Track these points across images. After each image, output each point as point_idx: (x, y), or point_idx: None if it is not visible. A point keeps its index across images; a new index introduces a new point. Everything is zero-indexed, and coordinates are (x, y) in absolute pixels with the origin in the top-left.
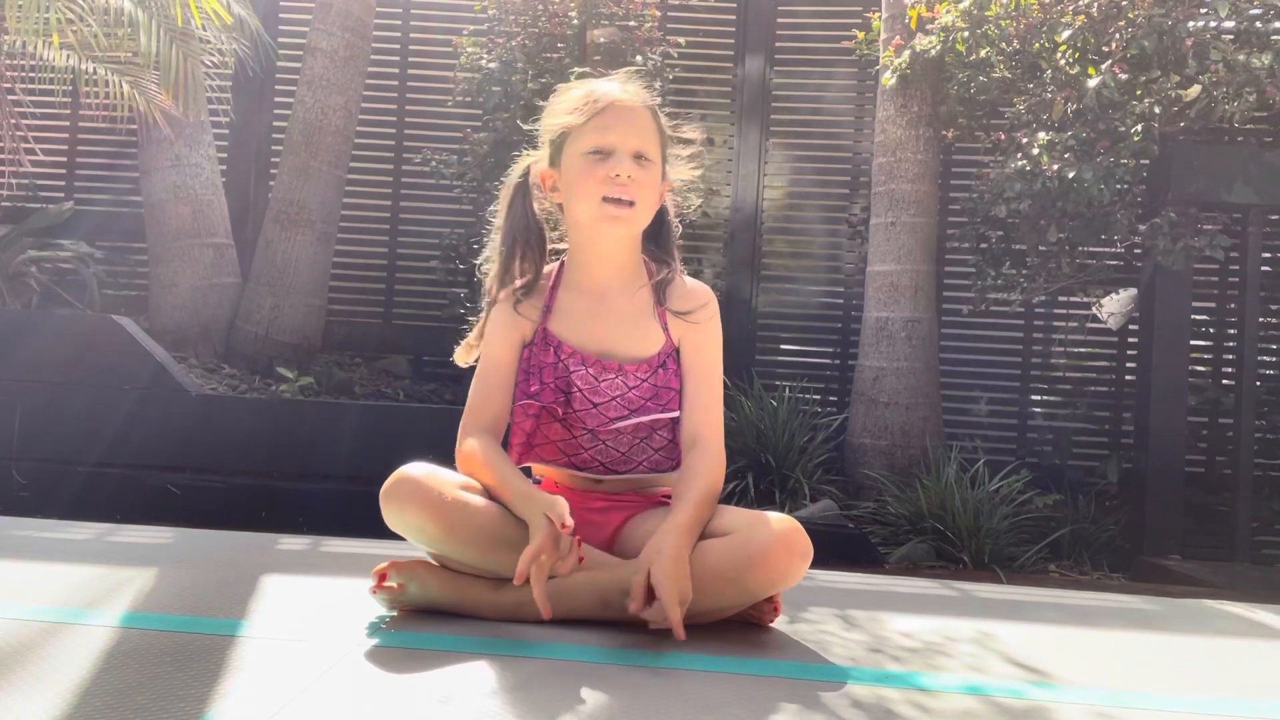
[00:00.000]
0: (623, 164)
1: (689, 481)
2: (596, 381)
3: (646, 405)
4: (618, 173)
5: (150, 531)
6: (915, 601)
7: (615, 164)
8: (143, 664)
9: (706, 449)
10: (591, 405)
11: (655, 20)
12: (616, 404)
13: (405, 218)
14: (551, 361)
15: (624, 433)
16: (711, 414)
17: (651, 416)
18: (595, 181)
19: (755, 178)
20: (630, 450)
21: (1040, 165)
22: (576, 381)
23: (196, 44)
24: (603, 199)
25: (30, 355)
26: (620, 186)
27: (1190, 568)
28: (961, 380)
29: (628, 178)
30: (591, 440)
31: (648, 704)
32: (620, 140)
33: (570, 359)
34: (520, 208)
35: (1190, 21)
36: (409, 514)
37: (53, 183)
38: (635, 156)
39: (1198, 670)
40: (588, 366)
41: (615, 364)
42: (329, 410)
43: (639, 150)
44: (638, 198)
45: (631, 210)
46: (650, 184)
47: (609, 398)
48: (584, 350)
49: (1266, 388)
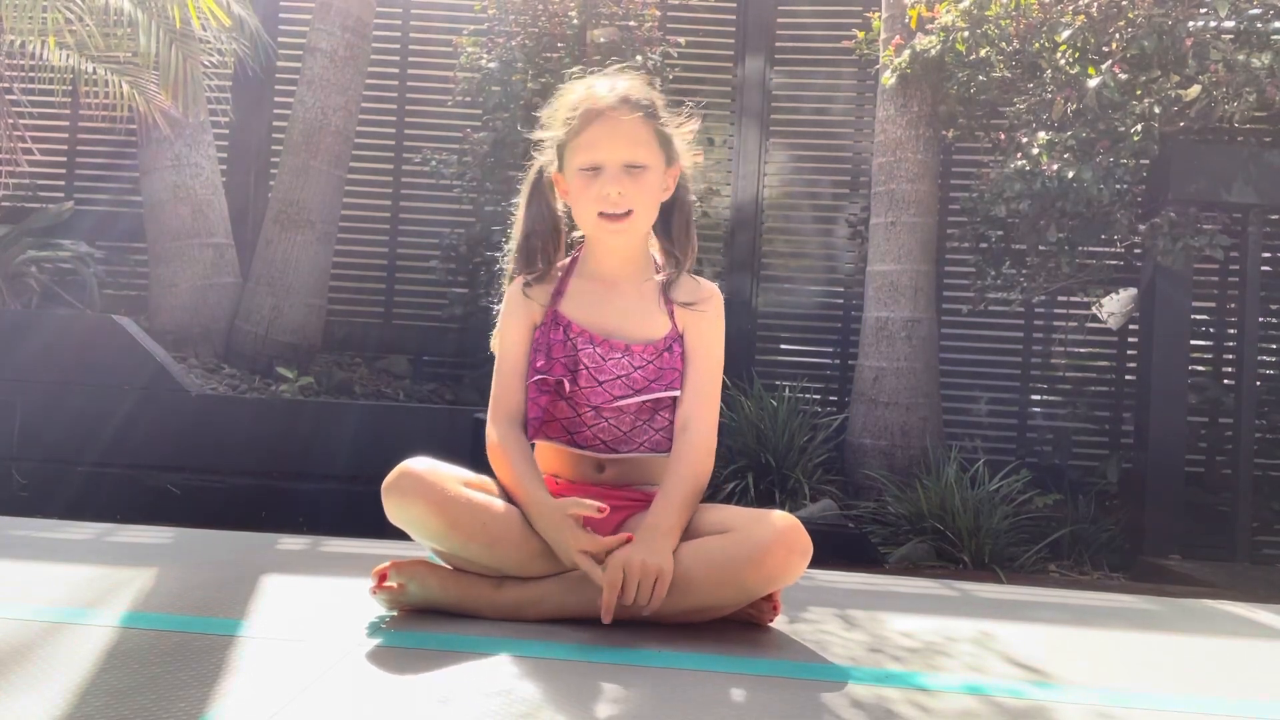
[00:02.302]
0: (610, 183)
1: (675, 470)
2: (603, 360)
3: (650, 387)
4: (606, 192)
5: (150, 531)
6: (915, 601)
7: (605, 183)
8: (143, 664)
9: (696, 434)
10: (596, 383)
11: (655, 20)
12: (621, 383)
13: (405, 218)
14: (560, 339)
15: (626, 411)
16: (705, 402)
17: (654, 395)
18: (589, 199)
19: (755, 178)
20: (632, 430)
21: (1040, 165)
22: (584, 359)
23: (196, 44)
24: (599, 214)
25: (30, 355)
26: (612, 204)
27: (1190, 568)
28: (961, 380)
29: (618, 195)
30: (595, 418)
31: (647, 704)
32: (608, 156)
33: (579, 337)
34: (537, 205)
35: (1190, 21)
36: (411, 509)
37: (53, 183)
38: (626, 167)
39: (1198, 670)
40: (595, 345)
41: (622, 344)
42: (329, 410)
43: (628, 161)
44: (633, 206)
45: (628, 220)
46: (644, 189)
47: (614, 376)
48: (592, 330)
49: (1266, 388)
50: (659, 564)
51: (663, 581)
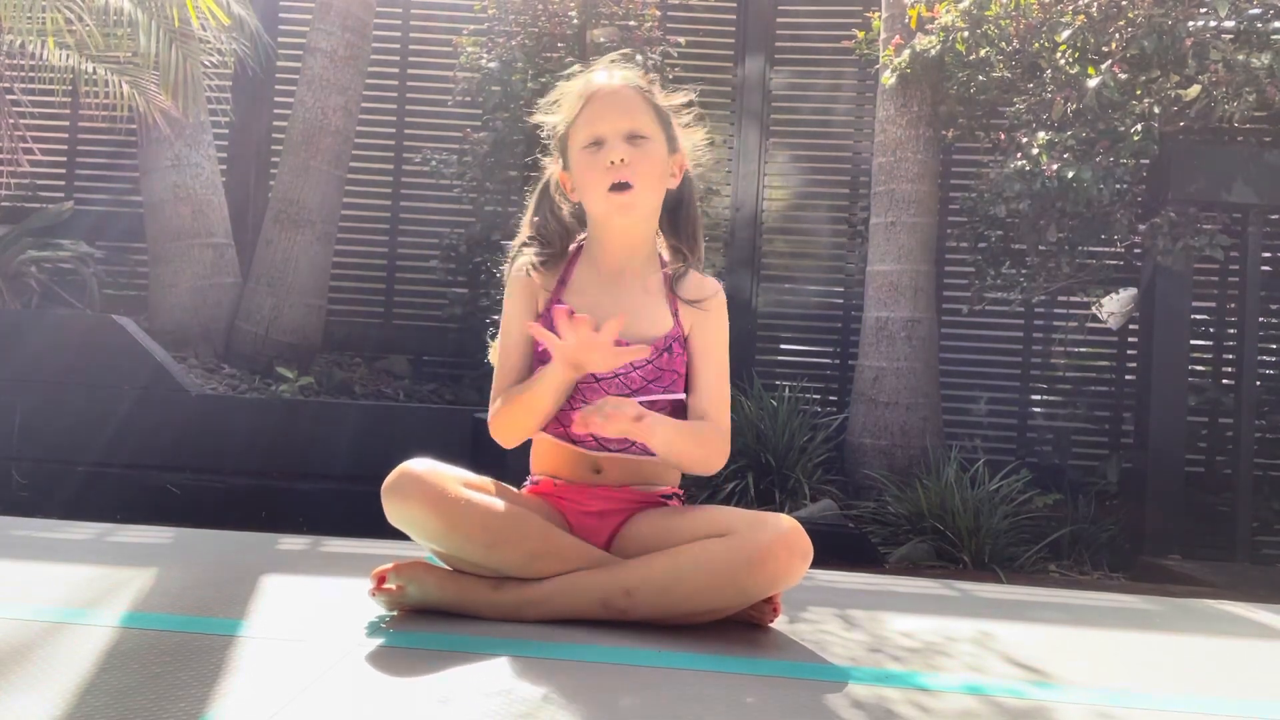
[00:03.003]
0: (615, 149)
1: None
2: None
3: (648, 387)
4: (610, 159)
5: (150, 531)
6: (915, 601)
7: (608, 151)
8: (143, 664)
9: (715, 423)
10: (594, 380)
11: (655, 20)
12: (618, 383)
13: (405, 218)
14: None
15: None
16: (719, 396)
17: (652, 397)
18: (596, 174)
19: (755, 178)
20: None
21: (1040, 165)
22: None
23: (196, 44)
24: (608, 189)
25: (30, 355)
26: (616, 172)
27: (1190, 568)
28: (961, 380)
29: (621, 162)
30: None
31: (647, 704)
32: (609, 126)
33: None
34: (545, 212)
35: (1190, 21)
36: (411, 509)
37: (53, 183)
38: (628, 137)
39: (1198, 670)
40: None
41: (623, 342)
42: (329, 410)
43: (630, 130)
44: (635, 179)
45: (632, 193)
46: (649, 161)
47: (612, 374)
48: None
49: (1266, 388)
50: (637, 412)
51: (632, 428)
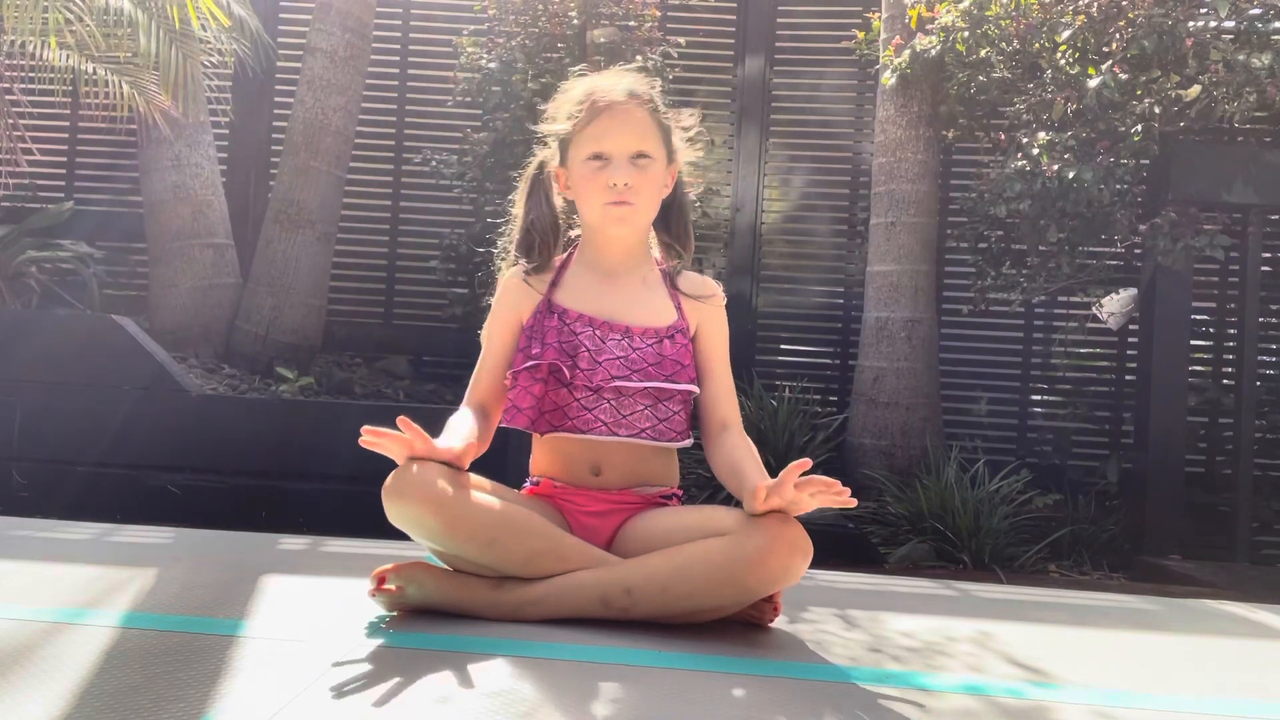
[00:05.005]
0: (619, 173)
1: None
2: (603, 342)
3: (649, 370)
4: (614, 182)
5: (150, 531)
6: (915, 601)
7: (613, 173)
8: (143, 664)
9: (740, 431)
10: (596, 363)
11: (655, 20)
12: (620, 364)
13: (405, 218)
14: (555, 325)
15: (626, 394)
16: (734, 399)
17: (658, 384)
18: (596, 189)
19: (755, 178)
20: (633, 415)
21: (1040, 165)
22: (584, 342)
23: (196, 44)
24: (606, 204)
25: (30, 355)
26: (619, 193)
27: (1190, 568)
28: (961, 380)
29: (624, 186)
30: (595, 400)
31: (647, 704)
32: (616, 145)
33: (576, 322)
34: (536, 200)
35: (1190, 21)
36: (411, 508)
37: (53, 183)
38: (634, 157)
39: (1198, 670)
40: (595, 328)
41: (623, 325)
42: (329, 410)
43: (637, 151)
44: (637, 200)
45: (633, 210)
46: (650, 181)
47: (614, 356)
48: (591, 314)
49: (1266, 388)
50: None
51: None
